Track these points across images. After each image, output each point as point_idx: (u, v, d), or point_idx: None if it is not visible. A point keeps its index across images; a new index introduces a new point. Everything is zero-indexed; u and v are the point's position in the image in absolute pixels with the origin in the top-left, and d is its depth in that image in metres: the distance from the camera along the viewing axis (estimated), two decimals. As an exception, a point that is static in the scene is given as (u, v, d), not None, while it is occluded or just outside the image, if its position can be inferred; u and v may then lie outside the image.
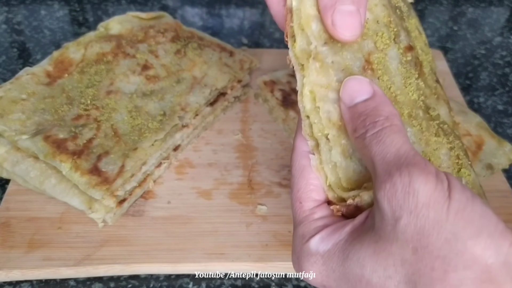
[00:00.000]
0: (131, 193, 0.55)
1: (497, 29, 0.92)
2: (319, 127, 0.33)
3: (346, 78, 0.32)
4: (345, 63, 0.33)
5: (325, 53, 0.33)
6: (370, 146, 0.29)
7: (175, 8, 0.94)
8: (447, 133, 0.37)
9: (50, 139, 0.53)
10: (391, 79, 0.35)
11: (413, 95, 0.35)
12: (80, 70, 0.62)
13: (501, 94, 0.77)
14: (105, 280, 0.50)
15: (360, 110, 0.31)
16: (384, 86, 0.34)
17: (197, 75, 0.64)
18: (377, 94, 0.31)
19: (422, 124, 0.35)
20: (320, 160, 0.34)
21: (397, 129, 0.29)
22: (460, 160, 0.36)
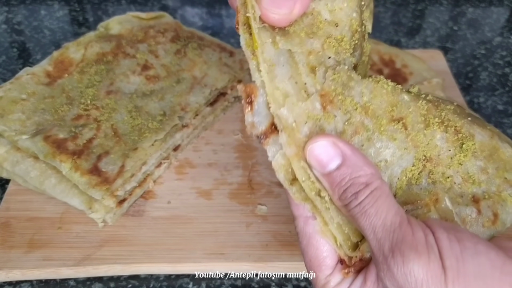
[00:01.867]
0: (131, 193, 0.55)
1: (497, 29, 0.92)
2: (310, 187, 0.32)
3: (308, 144, 0.31)
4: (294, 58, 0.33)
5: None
6: (357, 219, 0.30)
7: (175, 8, 0.94)
8: (435, 109, 0.37)
9: (50, 139, 0.53)
10: (356, 89, 0.34)
11: (382, 99, 0.35)
12: (80, 70, 0.62)
13: (501, 94, 0.77)
14: (105, 280, 0.50)
15: (336, 180, 0.30)
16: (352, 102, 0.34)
17: (197, 75, 0.64)
18: (347, 156, 0.30)
19: (406, 124, 0.35)
20: (323, 222, 0.33)
21: (378, 194, 0.29)
22: (459, 134, 0.36)
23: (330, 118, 0.33)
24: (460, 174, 0.36)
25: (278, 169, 0.32)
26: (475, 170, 0.36)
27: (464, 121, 0.37)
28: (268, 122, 0.32)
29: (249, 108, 0.32)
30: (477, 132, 0.38)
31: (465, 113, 0.39)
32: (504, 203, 0.37)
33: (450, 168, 0.36)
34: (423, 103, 0.36)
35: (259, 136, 0.32)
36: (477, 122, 0.39)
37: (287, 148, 0.32)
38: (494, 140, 0.38)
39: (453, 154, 0.36)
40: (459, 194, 0.36)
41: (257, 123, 0.32)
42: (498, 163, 0.37)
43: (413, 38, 0.89)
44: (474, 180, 0.36)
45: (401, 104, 0.36)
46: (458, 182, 0.36)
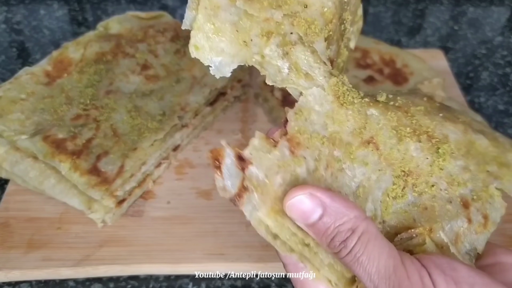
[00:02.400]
0: (130, 193, 0.55)
1: (497, 28, 0.91)
2: (294, 242, 0.32)
3: (286, 200, 0.31)
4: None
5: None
6: (351, 267, 0.29)
7: (174, 7, 0.94)
8: (405, 116, 0.36)
9: (49, 139, 0.52)
10: (318, 122, 0.34)
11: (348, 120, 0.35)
12: (80, 70, 0.61)
13: (502, 94, 0.76)
14: (105, 281, 0.50)
15: (321, 230, 0.30)
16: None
17: (196, 74, 0.64)
18: (327, 204, 0.30)
19: (377, 143, 0.35)
20: (314, 268, 0.33)
21: (367, 239, 0.29)
22: (432, 139, 0.36)
23: (300, 161, 0.33)
24: (443, 179, 0.36)
25: (258, 226, 0.32)
26: (457, 171, 0.36)
27: (436, 122, 0.37)
28: (240, 181, 0.32)
29: (218, 173, 0.32)
30: (450, 131, 0.37)
31: (436, 108, 0.38)
32: (492, 200, 0.36)
33: (432, 176, 0.35)
34: (392, 114, 0.36)
35: (232, 199, 0.32)
36: (449, 117, 0.38)
37: (262, 207, 0.31)
38: (468, 134, 0.38)
39: (432, 161, 0.36)
40: (447, 199, 0.35)
41: (229, 186, 0.32)
42: (477, 158, 0.37)
43: (413, 38, 0.88)
44: (458, 182, 0.36)
45: (370, 122, 0.35)
46: (444, 188, 0.36)
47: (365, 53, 0.71)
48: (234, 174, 0.32)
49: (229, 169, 0.32)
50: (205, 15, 0.32)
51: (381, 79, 0.67)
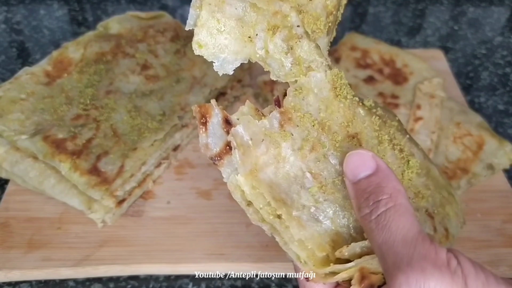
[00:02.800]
0: (130, 193, 0.55)
1: (497, 28, 0.91)
2: (267, 212, 0.32)
3: (349, 153, 0.32)
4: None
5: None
6: (376, 231, 0.29)
7: (174, 7, 0.94)
8: (384, 126, 0.37)
9: (49, 139, 0.52)
10: (313, 105, 0.34)
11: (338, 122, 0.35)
12: (80, 70, 0.61)
13: (502, 94, 0.76)
14: (105, 281, 0.50)
15: (363, 187, 0.31)
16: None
17: (196, 74, 0.64)
18: (381, 168, 0.31)
19: (360, 139, 0.35)
20: (283, 241, 0.33)
21: (402, 210, 0.29)
22: (403, 153, 0.37)
23: (287, 136, 0.33)
24: (411, 189, 0.37)
25: (234, 190, 0.32)
26: (420, 186, 0.37)
27: (405, 139, 0.39)
28: (223, 143, 0.32)
29: (203, 129, 0.32)
30: (415, 152, 0.39)
31: (404, 131, 0.40)
32: (448, 217, 0.38)
33: (402, 184, 0.35)
34: (376, 118, 0.37)
35: (213, 158, 0.32)
36: (412, 140, 0.40)
37: (240, 167, 0.32)
38: (426, 160, 0.40)
39: (403, 171, 0.37)
40: (415, 208, 0.36)
41: (212, 145, 0.32)
42: (434, 181, 0.39)
43: (413, 38, 0.88)
44: (423, 195, 0.37)
45: (357, 119, 0.36)
46: (411, 197, 0.37)
47: (365, 53, 0.71)
48: (219, 135, 0.32)
49: (214, 128, 0.33)
50: (209, 11, 0.32)
51: (381, 79, 0.67)
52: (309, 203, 0.33)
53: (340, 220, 0.34)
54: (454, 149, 0.59)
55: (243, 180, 0.32)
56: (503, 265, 0.50)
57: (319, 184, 0.34)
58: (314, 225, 0.33)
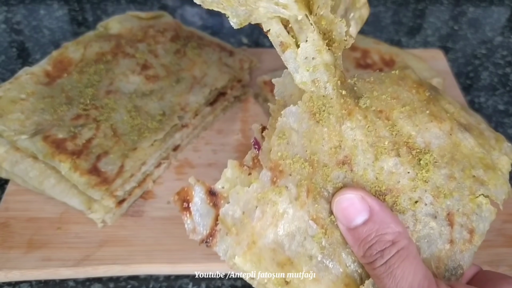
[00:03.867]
0: (130, 193, 0.55)
1: (497, 28, 0.91)
2: (274, 282, 0.31)
3: (337, 197, 0.31)
4: None
5: None
6: (382, 279, 0.29)
7: (174, 7, 0.94)
8: (385, 126, 0.35)
9: (49, 139, 0.52)
10: (297, 144, 0.33)
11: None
12: (80, 70, 0.61)
13: (502, 94, 0.76)
14: (105, 281, 0.50)
15: (362, 235, 0.30)
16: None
17: (196, 74, 0.64)
18: (375, 211, 0.30)
19: (352, 164, 0.34)
20: None
21: (405, 254, 0.28)
22: (413, 150, 0.34)
23: (282, 191, 0.31)
24: (429, 192, 0.34)
25: (233, 268, 0.31)
26: (442, 180, 0.35)
27: (419, 126, 0.35)
28: (212, 220, 0.31)
29: (187, 215, 0.31)
30: (433, 136, 0.36)
31: (424, 101, 0.37)
32: (479, 209, 0.35)
33: (416, 191, 0.34)
34: (370, 126, 0.34)
35: (204, 240, 0.31)
36: (436, 113, 0.36)
37: (236, 248, 0.30)
38: (454, 134, 0.36)
39: (414, 175, 0.34)
40: (432, 215, 0.34)
41: (200, 228, 0.31)
42: (462, 163, 0.36)
43: (413, 38, 0.88)
44: (445, 193, 0.34)
45: (345, 139, 0.34)
46: (429, 202, 0.34)
47: (365, 53, 0.71)
48: (205, 213, 0.31)
49: (199, 208, 0.31)
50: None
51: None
52: (315, 252, 0.32)
53: (345, 259, 0.32)
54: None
55: (242, 260, 0.30)
56: (503, 265, 0.50)
57: (323, 230, 0.32)
58: (326, 274, 0.31)
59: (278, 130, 0.32)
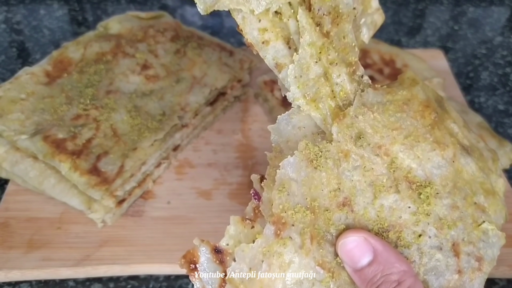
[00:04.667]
0: (130, 193, 0.55)
1: (497, 28, 0.91)
2: None
3: (341, 240, 0.31)
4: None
5: None
6: None
7: (174, 7, 0.94)
8: (383, 163, 0.35)
9: (49, 139, 0.52)
10: (297, 194, 0.33)
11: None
12: (80, 70, 0.61)
13: (502, 94, 0.76)
14: (105, 281, 0.50)
15: (368, 277, 0.30)
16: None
17: (196, 74, 0.64)
18: (378, 251, 0.31)
19: (352, 204, 0.34)
20: None
21: None
22: (413, 184, 0.34)
23: (286, 242, 0.32)
24: (432, 224, 0.34)
25: None
26: (445, 211, 0.35)
27: (420, 158, 0.35)
28: (219, 277, 0.32)
29: (195, 275, 0.31)
30: (435, 166, 0.35)
31: (429, 125, 0.36)
32: (485, 236, 0.35)
33: (418, 225, 0.34)
34: (369, 165, 0.34)
35: None
36: (439, 138, 0.36)
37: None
38: (456, 161, 0.36)
39: (416, 209, 0.34)
40: (437, 247, 0.34)
41: (209, 286, 0.31)
42: (464, 190, 0.36)
43: (413, 38, 0.88)
44: (448, 224, 0.35)
45: (344, 181, 0.34)
46: (433, 234, 0.34)
47: (365, 53, 0.71)
48: (212, 271, 0.32)
49: (205, 268, 0.32)
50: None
51: (381, 79, 0.67)
52: None
53: None
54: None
55: None
56: (503, 265, 0.50)
57: (330, 273, 0.32)
58: None
59: (278, 184, 0.33)
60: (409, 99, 0.37)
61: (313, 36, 0.34)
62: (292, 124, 0.36)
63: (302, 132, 0.36)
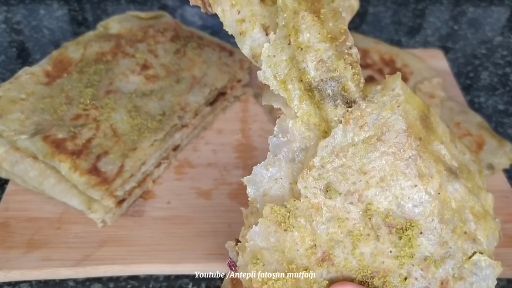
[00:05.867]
0: (130, 193, 0.55)
1: (497, 28, 0.91)
2: None
3: None
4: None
5: None
6: None
7: (174, 7, 0.94)
8: (361, 217, 0.33)
9: (49, 139, 0.52)
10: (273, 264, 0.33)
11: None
12: (79, 70, 0.61)
13: (502, 94, 0.76)
14: (105, 281, 0.50)
15: None
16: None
17: (196, 74, 0.64)
18: None
19: (331, 257, 0.33)
20: None
21: None
22: (392, 228, 0.33)
23: None
24: (416, 265, 0.33)
25: None
26: (431, 249, 0.33)
27: (398, 199, 0.33)
28: None
29: None
30: (417, 204, 0.33)
31: (407, 160, 0.33)
32: (477, 269, 0.34)
33: (403, 267, 0.33)
34: (341, 218, 0.33)
35: None
36: (423, 172, 0.33)
37: None
38: (442, 192, 0.33)
39: (397, 252, 0.33)
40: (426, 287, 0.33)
41: None
42: (452, 222, 0.34)
43: (413, 38, 0.88)
44: (435, 263, 0.33)
45: (319, 235, 0.33)
46: (419, 275, 0.33)
47: (365, 53, 0.71)
48: None
49: None
50: None
51: (381, 79, 0.67)
52: None
53: None
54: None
55: None
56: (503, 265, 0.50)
57: None
58: None
59: (250, 257, 0.32)
60: (383, 132, 0.33)
61: (288, 17, 0.33)
62: (268, 176, 0.34)
63: (279, 184, 0.34)
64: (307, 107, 0.33)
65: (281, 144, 0.34)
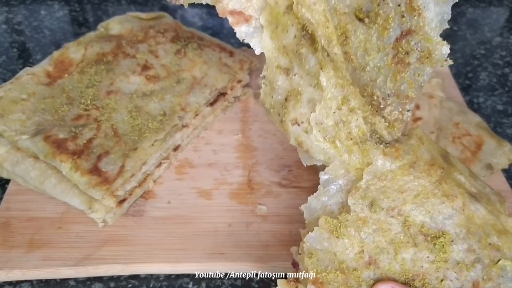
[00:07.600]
0: (131, 193, 0.55)
1: (496, 29, 0.92)
2: None
3: None
4: None
5: None
6: None
7: (175, 8, 0.94)
8: (399, 225, 0.40)
9: (50, 139, 0.53)
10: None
11: None
12: (80, 70, 0.62)
13: (501, 94, 0.77)
14: (105, 280, 0.50)
15: None
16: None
17: (197, 75, 0.64)
18: None
19: (377, 262, 0.39)
20: None
21: None
22: (427, 237, 0.39)
23: None
24: (451, 269, 0.38)
25: None
26: (462, 255, 0.39)
27: (430, 212, 0.40)
28: None
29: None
30: (447, 217, 0.40)
31: (436, 181, 0.41)
32: (504, 272, 0.38)
33: (439, 271, 0.38)
34: (385, 229, 0.39)
35: None
36: (447, 191, 0.41)
37: None
38: (466, 209, 0.40)
39: (434, 258, 0.39)
40: None
41: None
42: (478, 234, 0.40)
43: (413, 38, 0.88)
44: (467, 267, 0.38)
45: (367, 244, 0.39)
46: (454, 277, 0.38)
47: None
48: None
49: None
50: None
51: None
52: None
53: None
54: (453, 149, 0.59)
55: None
56: None
57: None
58: None
59: (306, 253, 0.39)
60: (414, 161, 0.42)
61: (334, 92, 0.39)
62: (320, 203, 0.42)
63: (328, 209, 0.42)
64: (356, 158, 0.41)
65: (330, 179, 0.42)
